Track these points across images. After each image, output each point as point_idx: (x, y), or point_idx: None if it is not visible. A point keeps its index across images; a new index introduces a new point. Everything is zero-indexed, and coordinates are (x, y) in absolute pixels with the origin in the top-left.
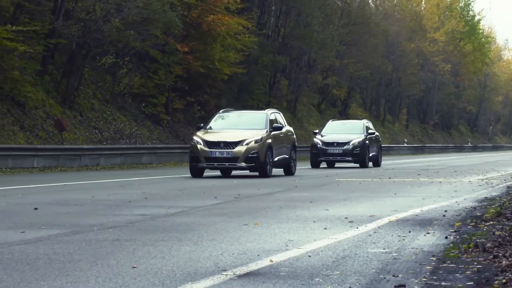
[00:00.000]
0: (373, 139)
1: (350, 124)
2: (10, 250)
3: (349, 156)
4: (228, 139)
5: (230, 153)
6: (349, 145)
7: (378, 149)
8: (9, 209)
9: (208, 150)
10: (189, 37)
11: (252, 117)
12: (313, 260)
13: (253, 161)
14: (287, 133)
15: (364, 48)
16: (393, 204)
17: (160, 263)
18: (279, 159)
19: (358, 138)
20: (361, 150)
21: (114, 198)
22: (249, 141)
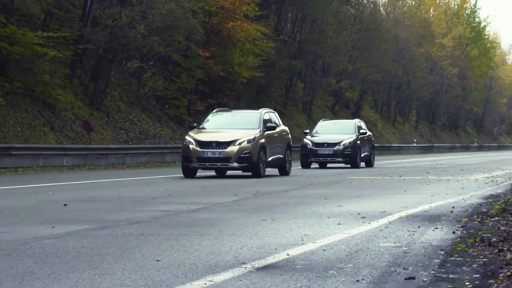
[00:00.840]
0: (365, 139)
1: (341, 124)
2: (41, 244)
3: (340, 157)
4: (220, 139)
5: (222, 153)
6: (339, 146)
7: (371, 149)
8: (40, 206)
9: (200, 150)
10: (210, 42)
11: (245, 117)
12: (328, 254)
13: (245, 161)
14: (282, 132)
15: (376, 52)
16: (403, 200)
17: (183, 257)
18: (273, 159)
19: (349, 138)
20: (352, 151)
21: (139, 195)
22: (242, 141)
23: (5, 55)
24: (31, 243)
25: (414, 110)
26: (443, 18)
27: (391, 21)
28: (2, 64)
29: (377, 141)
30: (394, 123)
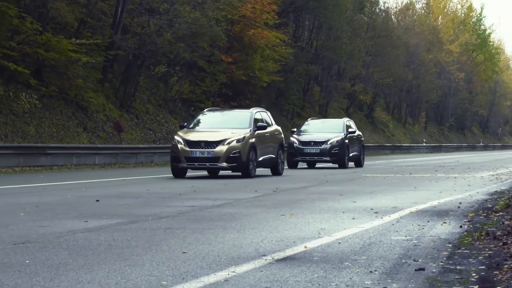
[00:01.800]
0: (353, 139)
1: (329, 123)
2: (75, 237)
3: (327, 156)
4: (209, 139)
5: (211, 153)
6: (326, 145)
7: (360, 148)
8: (74, 201)
9: (188, 150)
10: (232, 49)
11: (236, 116)
12: (343, 247)
13: (234, 161)
14: (274, 132)
15: (387, 58)
16: (413, 196)
17: (207, 249)
18: (264, 159)
19: (336, 137)
20: (339, 150)
21: (166, 191)
22: (231, 140)
23: (41, 60)
24: (65, 236)
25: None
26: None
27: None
28: (39, 69)
29: (388, 141)
30: (405, 124)
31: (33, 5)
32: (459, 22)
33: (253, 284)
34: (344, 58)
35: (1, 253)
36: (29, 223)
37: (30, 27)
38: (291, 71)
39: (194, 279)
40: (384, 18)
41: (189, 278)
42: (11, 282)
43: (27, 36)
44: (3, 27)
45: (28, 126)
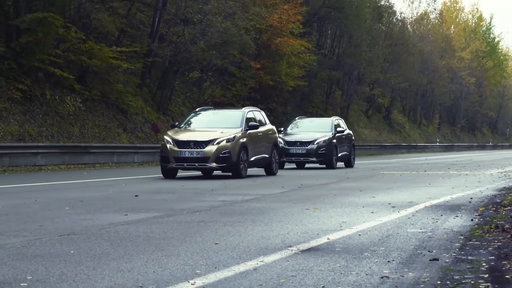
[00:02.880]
0: (343, 138)
1: (317, 122)
2: (115, 230)
3: (313, 156)
4: (198, 139)
5: (200, 153)
6: (313, 145)
7: (351, 148)
8: (114, 196)
9: (177, 150)
10: (260, 56)
11: (227, 116)
12: (363, 238)
13: (224, 161)
14: (268, 132)
15: (404, 64)
16: (428, 192)
17: (238, 240)
18: (256, 158)
19: (324, 137)
20: (326, 150)
21: (199, 187)
22: (221, 140)
23: (84, 67)
24: (107, 229)
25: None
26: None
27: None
28: (82, 75)
29: (405, 141)
30: (420, 125)
31: (77, 16)
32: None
33: (280, 273)
34: (364, 64)
35: (48, 244)
36: (73, 216)
37: (75, 36)
38: (315, 76)
39: (225, 268)
40: (401, 27)
41: (220, 267)
42: (58, 271)
43: (72, 45)
44: (50, 36)
45: (73, 127)
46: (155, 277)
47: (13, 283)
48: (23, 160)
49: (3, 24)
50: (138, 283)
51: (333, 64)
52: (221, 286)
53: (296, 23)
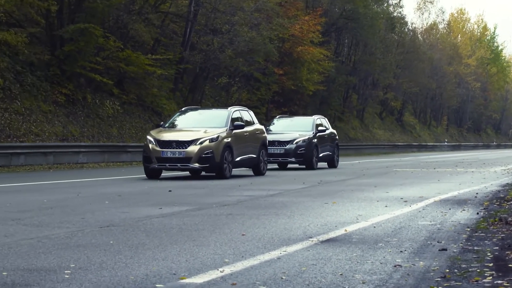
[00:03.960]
0: (325, 137)
1: (297, 121)
2: (151, 222)
3: (292, 156)
4: (180, 138)
5: (182, 153)
6: (292, 144)
7: (334, 148)
8: (150, 192)
9: (159, 150)
10: (283, 62)
11: (213, 115)
12: (377, 230)
13: (207, 162)
14: (255, 131)
15: (415, 70)
16: (437, 188)
17: (263, 232)
18: (242, 159)
19: (303, 136)
20: (306, 150)
21: (227, 183)
22: (204, 140)
23: (122, 73)
24: (143, 221)
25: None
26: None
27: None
28: (120, 80)
29: (415, 141)
30: (430, 126)
31: (116, 26)
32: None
33: (301, 261)
34: (378, 70)
35: (89, 235)
36: (112, 210)
37: (113, 45)
38: (333, 81)
39: (251, 257)
40: (412, 37)
41: (247, 256)
42: (98, 259)
43: (111, 53)
44: (90, 45)
45: (112, 128)
46: (187, 265)
47: (58, 271)
48: (67, 158)
49: (48, 34)
50: (172, 270)
51: (349, 70)
52: (247, 273)
53: (315, 32)
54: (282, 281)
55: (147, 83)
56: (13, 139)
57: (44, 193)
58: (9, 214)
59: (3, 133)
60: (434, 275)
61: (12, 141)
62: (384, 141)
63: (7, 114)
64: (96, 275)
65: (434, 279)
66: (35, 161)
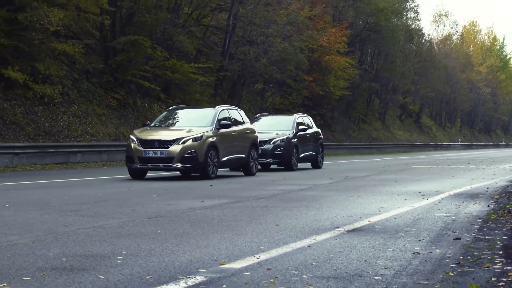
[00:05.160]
0: (306, 137)
1: (278, 120)
2: (194, 213)
3: (269, 157)
4: (163, 138)
5: (164, 153)
6: (269, 145)
7: (318, 148)
8: (193, 186)
9: (141, 150)
10: (312, 70)
11: (199, 114)
12: (397, 221)
13: (190, 162)
14: (245, 131)
15: (431, 77)
16: (451, 183)
17: (294, 222)
18: (229, 159)
19: (281, 136)
20: (284, 151)
21: (262, 178)
22: (186, 139)
23: (168, 80)
24: (187, 212)
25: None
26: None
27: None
28: (166, 87)
29: (432, 140)
30: (444, 128)
31: (162, 38)
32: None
33: (329, 249)
34: (398, 77)
35: (139, 225)
36: (159, 202)
37: (160, 55)
38: (357, 87)
39: (284, 245)
40: (428, 47)
41: (281, 244)
42: (147, 247)
43: (158, 62)
44: (140, 55)
45: None
46: (227, 252)
47: (111, 257)
48: (119, 156)
49: (102, 45)
50: (213, 257)
51: (372, 77)
52: (281, 260)
53: (341, 43)
54: (312, 266)
55: (190, 89)
56: (71, 139)
57: (99, 187)
58: (68, 206)
59: (62, 133)
60: (449, 262)
61: (70, 141)
62: (404, 141)
63: (65, 116)
64: (145, 261)
65: (449, 265)
66: (90, 159)
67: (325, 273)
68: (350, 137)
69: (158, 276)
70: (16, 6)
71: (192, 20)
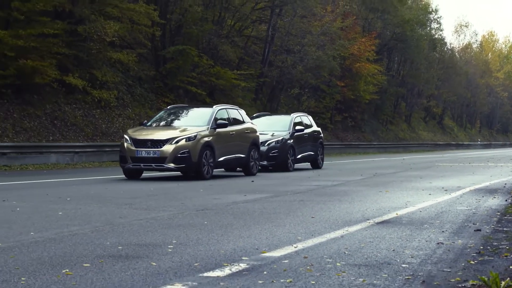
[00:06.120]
0: (304, 137)
1: (275, 120)
2: (237, 206)
3: (264, 159)
4: (156, 137)
5: (157, 153)
6: (264, 146)
7: (317, 148)
8: (236, 182)
9: (134, 150)
10: (344, 76)
11: (196, 114)
12: (423, 214)
13: (183, 162)
14: (244, 130)
15: (453, 83)
16: (472, 179)
17: (328, 215)
18: (227, 158)
19: (277, 137)
20: (279, 152)
21: (299, 175)
22: (180, 139)
23: (213, 86)
24: (231, 205)
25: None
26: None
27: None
28: (211, 92)
29: (453, 140)
30: (465, 128)
31: (208, 47)
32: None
33: (360, 239)
34: (422, 82)
35: (188, 217)
36: (206, 197)
37: (206, 63)
38: (385, 92)
39: (319, 235)
40: (450, 55)
41: (316, 235)
42: (195, 237)
43: (204, 69)
44: (187, 63)
45: None
46: (267, 242)
47: (163, 246)
48: None
49: (153, 54)
50: (255, 246)
51: (399, 83)
52: (316, 249)
53: (371, 52)
54: (345, 255)
55: (233, 94)
56: None
57: (151, 183)
58: (123, 200)
59: (118, 134)
60: (471, 251)
61: None
62: (428, 141)
63: (120, 119)
64: (193, 249)
65: (470, 254)
66: None
67: (356, 261)
68: (379, 137)
69: (205, 263)
70: (76, 20)
71: (235, 31)
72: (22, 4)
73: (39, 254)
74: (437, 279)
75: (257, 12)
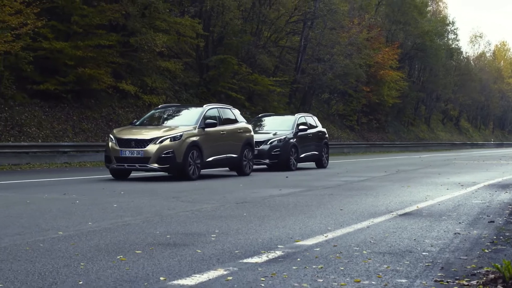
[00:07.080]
0: (308, 137)
1: (279, 120)
2: (273, 199)
3: (266, 158)
4: (140, 137)
5: (140, 153)
6: (266, 145)
7: (322, 148)
8: (272, 178)
9: (118, 149)
10: (369, 82)
11: (185, 113)
12: (441, 207)
13: (167, 162)
14: (237, 130)
15: (468, 88)
16: (486, 175)
17: (355, 207)
18: (217, 159)
19: (279, 136)
20: (281, 151)
21: (329, 172)
22: (164, 139)
23: (251, 91)
24: (267, 199)
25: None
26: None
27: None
28: (250, 96)
29: (469, 140)
30: (480, 129)
31: (247, 56)
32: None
33: (385, 229)
34: (440, 88)
35: (229, 209)
36: (245, 191)
37: (245, 70)
38: (407, 96)
39: (347, 226)
40: (466, 63)
41: (344, 225)
42: (235, 227)
43: (243, 76)
44: (228, 71)
45: None
46: (300, 232)
47: (206, 235)
48: None
49: (198, 63)
50: (289, 235)
51: (419, 88)
52: (345, 238)
53: (393, 60)
54: (370, 244)
55: (269, 98)
56: None
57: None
58: (171, 194)
59: None
60: (485, 241)
61: None
62: (445, 141)
63: None
64: (234, 238)
65: (485, 243)
66: None
67: (381, 249)
68: (401, 137)
69: (244, 250)
70: (129, 32)
71: (271, 42)
72: (81, 19)
73: (96, 242)
74: (454, 266)
75: (291, 25)
